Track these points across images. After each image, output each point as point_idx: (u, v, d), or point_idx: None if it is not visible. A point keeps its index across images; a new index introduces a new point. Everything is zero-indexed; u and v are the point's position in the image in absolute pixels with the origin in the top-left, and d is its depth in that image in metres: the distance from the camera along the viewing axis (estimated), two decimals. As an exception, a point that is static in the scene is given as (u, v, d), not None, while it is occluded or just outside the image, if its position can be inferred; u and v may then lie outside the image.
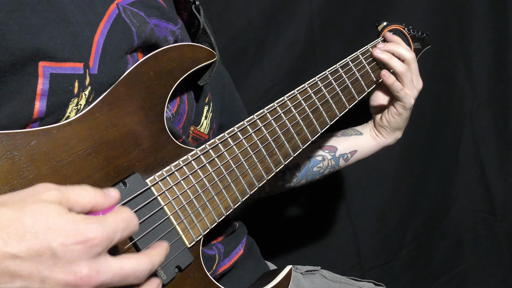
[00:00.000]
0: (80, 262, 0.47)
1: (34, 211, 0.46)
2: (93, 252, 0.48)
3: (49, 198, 0.48)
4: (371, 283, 1.07)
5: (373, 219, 1.74)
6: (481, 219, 1.86)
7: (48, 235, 0.46)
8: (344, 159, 1.19)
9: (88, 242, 0.47)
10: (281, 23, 1.51)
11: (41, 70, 0.61)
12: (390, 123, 1.12)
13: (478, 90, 1.76)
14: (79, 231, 0.47)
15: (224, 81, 1.07)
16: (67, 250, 0.46)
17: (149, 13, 0.75)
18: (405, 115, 1.10)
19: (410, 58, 1.07)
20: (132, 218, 0.53)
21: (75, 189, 0.51)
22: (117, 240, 0.50)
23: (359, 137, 1.19)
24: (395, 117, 1.10)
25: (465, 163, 1.82)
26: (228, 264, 0.89)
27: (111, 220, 0.51)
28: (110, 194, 0.53)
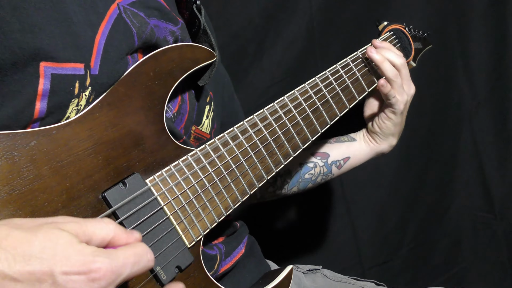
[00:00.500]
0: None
1: (45, 236, 0.46)
2: (96, 285, 0.46)
3: (66, 228, 0.48)
4: (372, 283, 1.07)
5: (373, 218, 1.74)
6: (480, 218, 1.86)
7: (52, 262, 0.45)
8: (336, 166, 1.17)
9: (92, 273, 0.46)
10: (281, 21, 1.51)
11: (42, 70, 0.61)
12: (382, 129, 1.11)
13: (477, 89, 1.76)
14: (84, 262, 0.46)
15: (224, 82, 1.07)
16: (69, 280, 0.45)
17: (149, 14, 0.75)
18: (396, 120, 1.09)
19: (400, 64, 1.06)
20: (145, 252, 0.51)
21: (94, 221, 0.50)
22: (126, 275, 0.49)
23: (352, 144, 1.17)
24: (386, 122, 1.09)
25: (464, 162, 1.82)
26: (230, 264, 0.89)
27: (121, 254, 0.49)
28: (133, 233, 0.53)
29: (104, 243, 0.50)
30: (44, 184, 0.58)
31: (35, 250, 0.45)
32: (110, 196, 0.63)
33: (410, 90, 1.08)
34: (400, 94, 1.05)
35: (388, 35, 1.17)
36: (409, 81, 1.08)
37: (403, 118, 1.11)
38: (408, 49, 1.20)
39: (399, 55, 1.08)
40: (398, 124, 1.10)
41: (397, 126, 1.10)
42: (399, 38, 1.18)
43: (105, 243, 0.50)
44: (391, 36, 1.17)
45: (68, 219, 0.49)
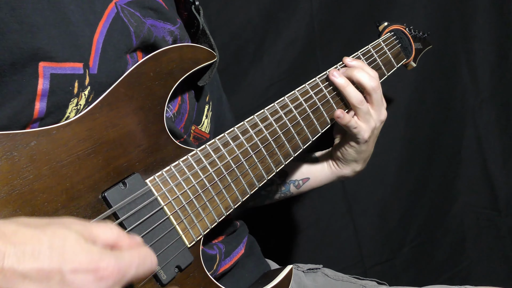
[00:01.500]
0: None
1: (54, 234, 0.46)
2: (103, 284, 0.47)
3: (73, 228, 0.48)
4: (374, 281, 1.07)
5: (375, 216, 1.74)
6: (484, 215, 1.84)
7: (61, 259, 0.45)
8: (295, 186, 1.12)
9: (99, 272, 0.47)
10: (281, 21, 1.51)
11: (41, 70, 0.61)
12: (344, 155, 1.03)
13: (481, 86, 1.75)
14: (92, 260, 0.47)
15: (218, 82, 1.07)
16: (77, 278, 0.46)
17: (144, 14, 0.75)
18: (359, 148, 1.00)
19: (371, 87, 0.95)
20: (149, 255, 0.52)
21: (98, 225, 0.51)
22: (131, 276, 0.50)
23: (314, 165, 1.11)
24: (348, 149, 1.01)
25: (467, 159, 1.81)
26: (229, 264, 0.89)
27: (127, 254, 0.50)
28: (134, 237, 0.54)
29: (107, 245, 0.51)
30: (44, 184, 0.58)
31: (44, 247, 0.45)
32: (110, 196, 0.63)
33: (380, 116, 0.99)
34: (365, 121, 0.96)
35: (388, 36, 1.17)
36: (379, 106, 0.98)
37: (370, 145, 1.02)
38: (408, 49, 1.20)
39: (373, 76, 0.97)
40: (361, 152, 1.02)
41: (360, 154, 1.02)
42: (399, 39, 1.18)
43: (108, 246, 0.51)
44: (392, 36, 1.17)
45: (74, 220, 0.50)
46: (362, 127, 0.96)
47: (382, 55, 1.12)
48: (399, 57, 1.17)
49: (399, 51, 1.17)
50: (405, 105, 1.69)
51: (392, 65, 1.14)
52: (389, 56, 1.13)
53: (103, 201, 0.63)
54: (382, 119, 1.00)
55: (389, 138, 1.68)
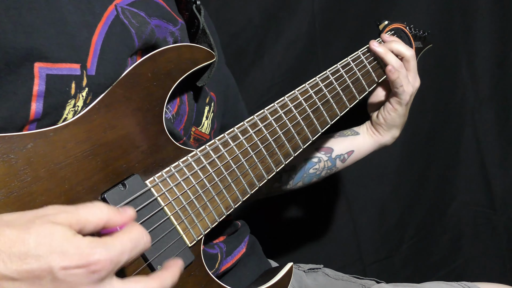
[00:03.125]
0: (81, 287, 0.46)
1: (39, 233, 0.45)
2: (95, 277, 0.46)
3: (58, 220, 0.47)
4: (373, 280, 1.07)
5: (374, 215, 1.74)
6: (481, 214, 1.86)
7: (50, 258, 0.45)
8: (341, 160, 1.18)
9: (91, 266, 0.46)
10: (282, 20, 1.50)
11: (36, 71, 0.60)
12: (386, 120, 1.11)
13: (480, 86, 1.75)
14: (82, 255, 0.46)
15: (229, 83, 1.07)
16: (68, 274, 0.45)
17: (151, 13, 0.74)
18: (401, 111, 1.09)
19: (409, 55, 1.07)
20: (141, 235, 0.51)
21: (85, 208, 0.50)
22: (124, 261, 0.49)
23: (356, 137, 1.17)
24: (391, 113, 1.09)
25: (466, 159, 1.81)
26: (231, 263, 0.89)
27: (118, 242, 0.49)
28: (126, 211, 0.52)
29: (98, 228, 0.50)
30: (42, 187, 0.57)
31: (30, 248, 0.44)
32: (110, 197, 0.63)
33: (415, 83, 1.09)
34: (406, 84, 1.06)
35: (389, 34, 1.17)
36: (415, 73, 1.09)
37: (407, 109, 1.11)
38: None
39: (407, 47, 1.09)
40: (402, 115, 1.10)
41: (401, 118, 1.10)
42: (399, 38, 1.18)
43: (99, 228, 0.50)
44: (392, 35, 1.17)
45: (59, 208, 0.49)
46: (405, 90, 1.06)
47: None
48: (400, 56, 1.17)
49: None
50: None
51: None
52: None
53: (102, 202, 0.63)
54: (417, 85, 1.10)
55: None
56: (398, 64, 1.05)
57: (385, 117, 1.11)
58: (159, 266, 0.66)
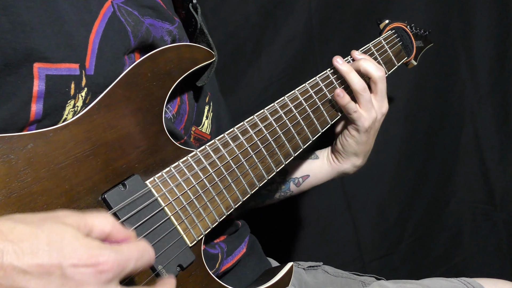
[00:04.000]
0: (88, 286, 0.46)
1: (51, 230, 0.46)
2: (103, 278, 0.47)
3: (68, 221, 0.48)
4: (373, 277, 1.07)
5: (374, 213, 1.74)
6: (480, 210, 1.86)
7: (61, 255, 0.45)
8: (295, 184, 1.10)
9: (99, 266, 0.47)
10: (279, 19, 1.50)
11: (36, 71, 0.60)
12: (344, 147, 1.01)
13: (479, 83, 1.75)
14: (91, 255, 0.47)
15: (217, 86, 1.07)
16: (77, 272, 0.46)
17: (143, 13, 0.74)
18: (359, 138, 0.98)
19: (377, 76, 0.95)
20: (147, 249, 0.52)
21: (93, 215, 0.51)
22: (130, 269, 0.50)
23: (314, 161, 1.09)
24: (348, 140, 0.99)
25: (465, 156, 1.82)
26: (231, 263, 0.89)
27: (126, 248, 0.50)
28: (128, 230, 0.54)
29: (102, 236, 0.51)
30: (43, 187, 0.57)
31: (42, 243, 0.45)
32: (110, 198, 0.63)
33: (382, 108, 0.98)
34: (367, 110, 0.95)
35: (389, 34, 1.16)
36: (382, 97, 0.98)
37: (370, 137, 1.00)
38: (409, 47, 1.19)
39: (378, 67, 0.98)
40: (362, 143, 1.00)
41: (360, 145, 1.00)
42: (400, 37, 1.18)
43: (104, 236, 0.51)
44: (393, 34, 1.17)
45: (68, 213, 0.50)
46: (362, 114, 0.95)
47: (383, 54, 1.11)
48: (400, 56, 1.17)
49: (400, 49, 1.17)
50: (404, 101, 1.69)
51: (393, 64, 1.14)
52: (390, 54, 1.12)
53: (103, 203, 0.63)
54: (384, 111, 0.99)
55: (388, 135, 1.68)
56: (361, 86, 0.94)
57: (343, 143, 1.01)
58: (159, 266, 0.66)
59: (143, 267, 0.52)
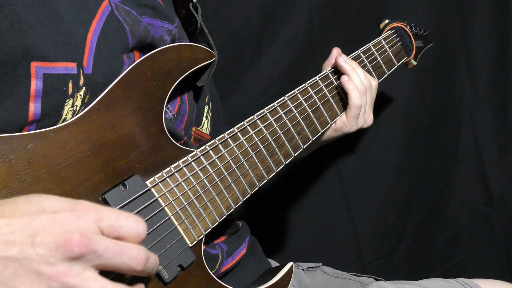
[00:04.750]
0: (50, 253, 0.47)
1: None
2: (81, 221, 0.49)
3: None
4: (372, 278, 1.07)
5: (373, 214, 1.74)
6: (479, 211, 1.86)
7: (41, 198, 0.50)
8: None
9: (77, 212, 0.50)
10: (279, 20, 1.49)
11: (33, 70, 0.59)
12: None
13: (478, 84, 1.76)
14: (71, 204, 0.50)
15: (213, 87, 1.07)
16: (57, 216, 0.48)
17: (141, 12, 0.74)
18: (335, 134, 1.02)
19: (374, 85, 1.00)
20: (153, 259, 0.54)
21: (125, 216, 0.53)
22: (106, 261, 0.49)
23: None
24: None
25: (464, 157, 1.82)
26: (231, 263, 0.89)
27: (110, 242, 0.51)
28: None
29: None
30: (43, 187, 0.57)
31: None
32: (110, 198, 0.63)
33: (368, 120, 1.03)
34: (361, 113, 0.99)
35: (389, 33, 1.17)
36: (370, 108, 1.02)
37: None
38: (409, 47, 1.20)
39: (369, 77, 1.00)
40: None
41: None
42: (400, 37, 1.18)
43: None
44: (393, 34, 1.17)
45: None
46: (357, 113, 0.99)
47: (382, 54, 1.11)
48: (400, 56, 1.17)
49: (400, 49, 1.17)
50: (403, 103, 1.70)
51: (393, 64, 1.14)
52: (389, 54, 1.12)
53: (103, 203, 0.63)
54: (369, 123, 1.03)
55: (387, 136, 1.69)
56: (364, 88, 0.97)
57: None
58: (160, 266, 0.66)
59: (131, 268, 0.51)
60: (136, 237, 0.52)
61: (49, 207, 0.48)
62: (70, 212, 0.48)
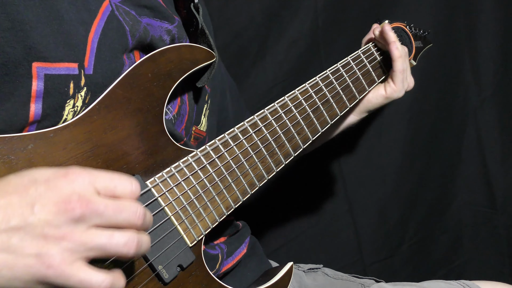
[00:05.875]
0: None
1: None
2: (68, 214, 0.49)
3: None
4: (372, 280, 1.07)
5: (375, 215, 1.74)
6: (481, 213, 1.85)
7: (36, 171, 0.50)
8: None
9: (69, 175, 0.51)
10: (284, 20, 1.49)
11: (35, 71, 0.59)
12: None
13: (483, 85, 1.75)
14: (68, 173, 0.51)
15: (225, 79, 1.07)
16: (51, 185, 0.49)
17: (140, 12, 0.74)
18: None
19: (406, 51, 1.09)
20: (136, 211, 0.53)
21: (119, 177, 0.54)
22: (107, 220, 0.51)
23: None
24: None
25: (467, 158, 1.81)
26: (232, 263, 0.89)
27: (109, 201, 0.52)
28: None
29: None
30: (43, 187, 0.58)
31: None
32: (110, 198, 0.64)
33: (410, 83, 1.13)
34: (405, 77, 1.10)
35: None
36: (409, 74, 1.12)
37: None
38: (409, 47, 1.19)
39: (402, 46, 1.11)
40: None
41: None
42: (400, 37, 1.17)
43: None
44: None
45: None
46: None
47: (382, 53, 1.12)
48: (400, 56, 1.17)
49: None
50: (407, 104, 1.69)
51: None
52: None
53: (103, 203, 0.63)
54: (411, 85, 1.14)
55: (391, 137, 1.68)
56: (404, 52, 1.08)
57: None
58: (160, 266, 0.66)
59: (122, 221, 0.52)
60: (131, 194, 0.53)
61: (41, 176, 0.49)
62: (63, 177, 0.49)
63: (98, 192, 0.51)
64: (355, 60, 1.04)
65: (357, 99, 1.03)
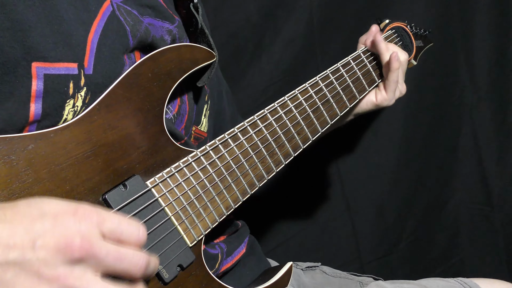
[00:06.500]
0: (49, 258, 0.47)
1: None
2: (67, 256, 0.48)
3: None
4: (370, 277, 1.08)
5: (372, 213, 1.74)
6: (478, 211, 1.87)
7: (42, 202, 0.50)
8: None
9: (79, 212, 0.50)
10: (280, 19, 1.49)
11: (34, 71, 0.59)
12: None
13: (478, 83, 1.76)
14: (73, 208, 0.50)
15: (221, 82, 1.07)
16: (60, 221, 0.48)
17: (142, 12, 0.74)
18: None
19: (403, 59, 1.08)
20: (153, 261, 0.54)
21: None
22: (107, 265, 0.50)
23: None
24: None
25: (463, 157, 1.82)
26: (231, 263, 0.89)
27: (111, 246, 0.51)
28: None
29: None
30: (44, 188, 0.57)
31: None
32: (111, 198, 0.63)
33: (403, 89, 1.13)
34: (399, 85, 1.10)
35: (389, 33, 1.16)
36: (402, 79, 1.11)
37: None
38: (409, 47, 1.20)
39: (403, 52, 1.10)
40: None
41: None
42: (400, 36, 1.18)
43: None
44: (393, 34, 1.17)
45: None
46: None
47: (382, 54, 1.12)
48: (400, 55, 1.17)
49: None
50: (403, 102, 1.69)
51: None
52: None
53: (104, 203, 0.63)
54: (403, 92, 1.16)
55: (387, 136, 1.69)
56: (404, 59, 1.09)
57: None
58: (160, 266, 0.66)
59: (130, 273, 0.51)
60: (136, 242, 0.52)
61: (50, 210, 0.48)
62: (72, 215, 0.48)
63: (103, 235, 0.50)
64: (355, 60, 1.04)
65: (357, 99, 1.03)
